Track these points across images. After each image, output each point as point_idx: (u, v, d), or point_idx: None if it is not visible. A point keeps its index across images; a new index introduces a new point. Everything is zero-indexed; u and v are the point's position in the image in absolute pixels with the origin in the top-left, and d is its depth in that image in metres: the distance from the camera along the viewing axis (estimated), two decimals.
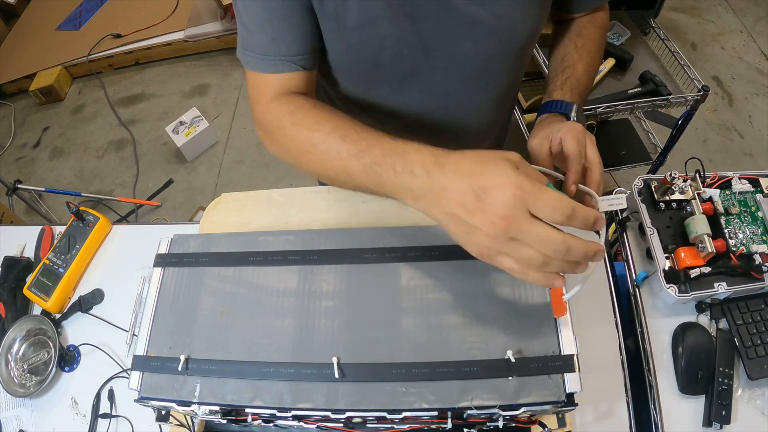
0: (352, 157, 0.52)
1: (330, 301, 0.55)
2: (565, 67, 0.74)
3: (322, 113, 0.57)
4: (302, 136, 0.57)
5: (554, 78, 0.74)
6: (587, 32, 0.77)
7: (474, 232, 0.43)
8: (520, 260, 0.42)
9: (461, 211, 0.43)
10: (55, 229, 0.94)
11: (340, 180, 0.55)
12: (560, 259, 0.41)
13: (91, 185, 2.32)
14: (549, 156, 0.62)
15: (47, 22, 2.93)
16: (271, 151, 0.63)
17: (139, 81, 2.72)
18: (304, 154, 0.57)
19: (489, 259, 0.44)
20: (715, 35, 2.52)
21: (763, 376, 0.67)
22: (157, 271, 0.60)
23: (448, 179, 0.44)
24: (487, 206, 0.41)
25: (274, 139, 0.61)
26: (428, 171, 0.46)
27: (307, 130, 0.56)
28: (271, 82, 0.63)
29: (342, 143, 0.53)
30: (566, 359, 0.50)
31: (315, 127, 0.56)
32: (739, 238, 0.71)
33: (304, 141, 0.56)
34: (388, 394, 0.49)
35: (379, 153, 0.50)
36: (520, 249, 0.42)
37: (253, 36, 0.61)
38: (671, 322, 0.72)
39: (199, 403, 0.52)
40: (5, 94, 2.76)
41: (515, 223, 0.40)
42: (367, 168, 0.51)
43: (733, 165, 2.07)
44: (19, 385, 0.78)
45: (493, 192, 0.41)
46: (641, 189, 0.77)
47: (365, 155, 0.51)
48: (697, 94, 1.31)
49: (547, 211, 0.40)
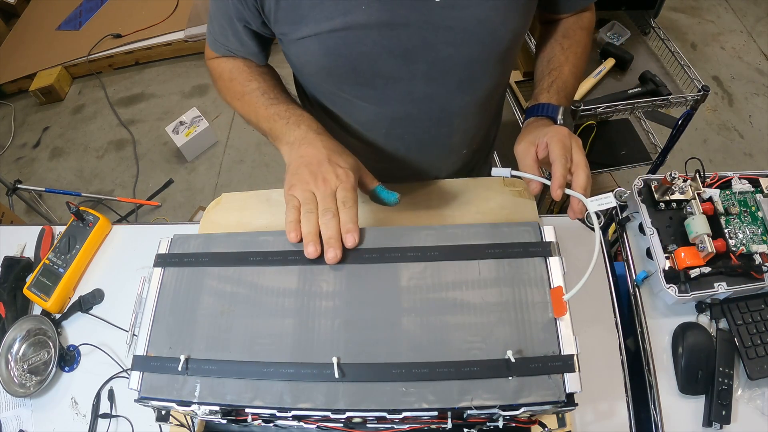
0: (263, 106, 0.71)
1: (330, 301, 0.55)
2: (551, 69, 0.74)
3: (252, 74, 0.75)
4: (234, 86, 0.75)
5: (541, 80, 0.74)
6: (573, 33, 0.77)
7: (300, 172, 0.60)
8: (301, 199, 0.59)
9: (308, 161, 0.61)
10: (55, 229, 0.94)
11: (252, 121, 0.74)
12: (323, 218, 0.57)
13: (91, 185, 2.32)
14: (535, 161, 0.62)
15: (47, 22, 2.92)
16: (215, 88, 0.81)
17: (139, 81, 2.72)
18: (235, 100, 0.76)
19: (289, 188, 0.60)
20: (715, 35, 2.53)
21: (763, 376, 0.67)
22: (157, 271, 0.60)
23: (316, 140, 0.63)
24: (322, 168, 0.60)
25: (217, 85, 0.80)
26: (308, 130, 0.65)
27: (240, 84, 0.74)
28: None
29: (261, 97, 0.72)
30: (566, 359, 0.50)
31: (244, 83, 0.74)
32: (739, 238, 0.71)
33: (234, 89, 0.75)
34: (388, 394, 0.49)
35: (283, 109, 0.69)
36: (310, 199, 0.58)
37: (210, 21, 0.75)
38: (671, 322, 0.72)
39: (199, 403, 0.52)
40: (5, 94, 2.75)
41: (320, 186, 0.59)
42: (271, 115, 0.69)
43: (733, 165, 2.07)
44: (19, 385, 0.78)
45: (329, 166, 0.60)
46: (641, 189, 0.77)
47: (273, 107, 0.70)
48: (697, 94, 1.31)
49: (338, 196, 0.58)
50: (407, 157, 0.84)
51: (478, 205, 0.81)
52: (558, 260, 0.55)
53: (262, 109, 0.70)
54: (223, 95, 0.79)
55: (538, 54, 0.80)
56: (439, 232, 0.59)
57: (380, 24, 0.62)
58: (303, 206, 0.58)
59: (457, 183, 0.85)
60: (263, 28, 0.70)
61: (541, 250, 0.56)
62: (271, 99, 0.71)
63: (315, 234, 0.57)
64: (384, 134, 0.79)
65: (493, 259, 0.56)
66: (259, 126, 0.72)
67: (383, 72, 0.67)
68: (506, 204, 0.81)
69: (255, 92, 0.72)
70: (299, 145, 0.64)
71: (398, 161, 0.84)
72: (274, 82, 0.76)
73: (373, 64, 0.66)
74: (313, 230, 0.57)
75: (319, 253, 0.56)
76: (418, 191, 0.84)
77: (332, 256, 0.56)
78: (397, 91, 0.70)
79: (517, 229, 0.58)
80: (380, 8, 0.60)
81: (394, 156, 0.83)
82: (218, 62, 0.78)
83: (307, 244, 0.56)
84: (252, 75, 0.75)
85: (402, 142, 0.80)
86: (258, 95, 0.72)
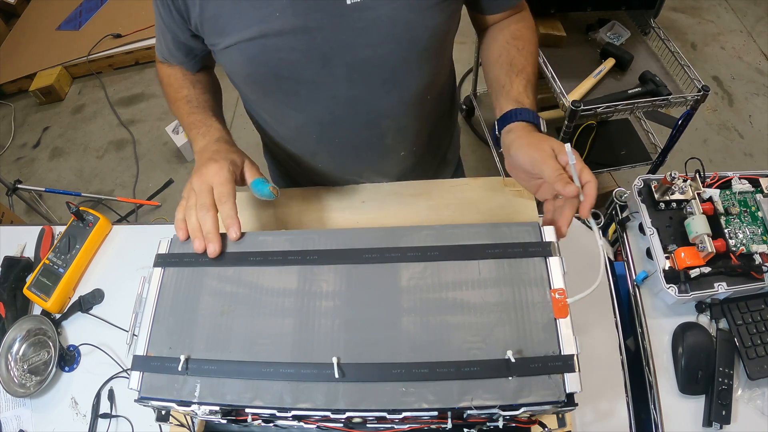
0: (186, 114, 0.76)
1: (330, 301, 0.55)
2: (518, 71, 0.72)
3: (185, 82, 0.80)
4: (170, 91, 0.81)
5: (511, 83, 0.71)
6: (521, 34, 0.75)
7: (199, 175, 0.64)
8: (185, 197, 0.64)
9: (198, 165, 0.66)
10: (55, 229, 0.94)
11: (183, 126, 0.78)
12: (199, 213, 0.61)
13: (91, 185, 2.32)
14: (538, 187, 0.64)
15: (47, 22, 2.92)
16: None
17: (139, 81, 2.72)
18: (170, 102, 0.81)
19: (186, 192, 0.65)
20: (715, 35, 2.53)
21: (763, 376, 0.67)
22: (157, 271, 0.60)
23: (218, 151, 0.67)
24: (203, 168, 0.64)
25: (160, 84, 0.85)
26: (211, 140, 0.70)
27: (173, 90, 0.80)
28: None
29: (186, 105, 0.77)
30: (566, 359, 0.50)
31: (177, 90, 0.80)
32: (739, 238, 0.71)
33: (170, 95, 0.81)
34: (388, 394, 0.49)
35: (199, 119, 0.74)
36: (191, 196, 0.63)
37: (155, 26, 0.77)
38: (671, 322, 0.72)
39: (199, 403, 0.52)
40: (5, 94, 2.75)
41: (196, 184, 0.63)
42: (190, 123, 0.74)
43: (733, 165, 2.07)
44: (19, 385, 0.78)
45: (209, 164, 0.64)
46: (641, 189, 0.77)
47: (193, 116, 0.75)
48: (697, 94, 1.31)
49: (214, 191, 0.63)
50: (346, 160, 0.84)
51: (478, 205, 0.81)
52: (558, 260, 0.55)
53: (185, 117, 0.76)
54: (164, 95, 0.85)
55: (489, 58, 0.77)
56: (439, 232, 0.59)
57: (295, 29, 0.62)
58: (186, 203, 0.63)
59: (457, 183, 0.85)
60: (193, 41, 0.73)
61: (541, 250, 0.56)
62: (193, 108, 0.76)
63: (196, 229, 0.60)
64: (316, 139, 0.80)
65: (493, 259, 0.56)
66: (185, 129, 0.77)
67: (304, 77, 0.68)
68: (506, 204, 0.81)
69: (182, 100, 0.78)
70: (201, 153, 0.68)
71: (338, 165, 0.85)
72: (204, 90, 0.80)
73: (293, 69, 0.67)
74: (195, 226, 0.61)
75: (203, 247, 0.60)
76: (418, 191, 0.84)
77: (211, 250, 0.59)
78: (321, 96, 0.71)
79: (517, 229, 0.58)
80: (293, 14, 0.61)
81: (332, 160, 0.84)
82: (160, 66, 0.84)
83: (193, 240, 0.60)
84: (184, 83, 0.80)
85: (335, 146, 0.81)
86: (184, 103, 0.77)
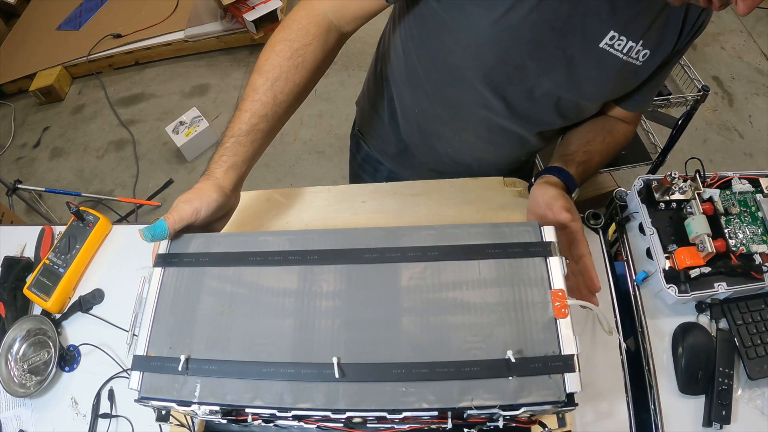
0: (229, 123, 0.69)
1: (330, 301, 0.55)
2: (586, 150, 0.78)
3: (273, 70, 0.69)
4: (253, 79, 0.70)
5: (575, 152, 0.78)
6: (616, 136, 0.83)
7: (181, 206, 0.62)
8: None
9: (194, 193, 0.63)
10: (55, 229, 0.94)
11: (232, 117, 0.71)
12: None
13: (91, 185, 2.32)
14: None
15: (47, 22, 2.92)
16: None
17: (139, 81, 2.72)
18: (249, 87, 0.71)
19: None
20: (715, 35, 2.53)
21: (763, 376, 0.67)
22: (157, 271, 0.60)
23: (200, 185, 0.65)
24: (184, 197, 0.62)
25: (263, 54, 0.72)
26: (208, 175, 0.67)
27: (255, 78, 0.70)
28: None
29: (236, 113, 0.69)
30: (566, 359, 0.50)
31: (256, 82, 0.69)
32: (739, 238, 0.71)
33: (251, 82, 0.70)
34: (388, 394, 0.49)
35: (226, 144, 0.68)
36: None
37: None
38: (671, 322, 0.72)
39: (199, 403, 0.52)
40: (5, 94, 2.75)
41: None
42: (220, 139, 0.69)
43: (733, 165, 2.07)
44: (19, 385, 0.78)
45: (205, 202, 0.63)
46: (641, 189, 0.77)
47: (226, 135, 0.69)
48: (697, 94, 1.31)
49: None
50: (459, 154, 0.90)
51: (478, 205, 0.81)
52: (558, 260, 0.55)
53: (228, 125, 0.69)
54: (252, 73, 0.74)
55: (581, 127, 0.84)
56: (439, 232, 0.59)
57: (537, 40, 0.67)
58: None
59: (457, 183, 0.85)
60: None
61: (541, 250, 0.56)
62: (235, 123, 0.68)
63: None
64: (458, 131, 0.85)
65: (493, 259, 0.56)
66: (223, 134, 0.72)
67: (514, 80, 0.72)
68: (506, 204, 0.81)
69: (245, 102, 0.69)
70: (203, 178, 0.67)
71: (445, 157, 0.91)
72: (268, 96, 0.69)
73: (515, 68, 0.70)
74: None
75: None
76: (418, 191, 0.84)
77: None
78: (521, 88, 0.74)
79: (517, 229, 0.58)
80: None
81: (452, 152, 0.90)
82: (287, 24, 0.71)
83: None
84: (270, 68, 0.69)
85: (464, 143, 0.87)
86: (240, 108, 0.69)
